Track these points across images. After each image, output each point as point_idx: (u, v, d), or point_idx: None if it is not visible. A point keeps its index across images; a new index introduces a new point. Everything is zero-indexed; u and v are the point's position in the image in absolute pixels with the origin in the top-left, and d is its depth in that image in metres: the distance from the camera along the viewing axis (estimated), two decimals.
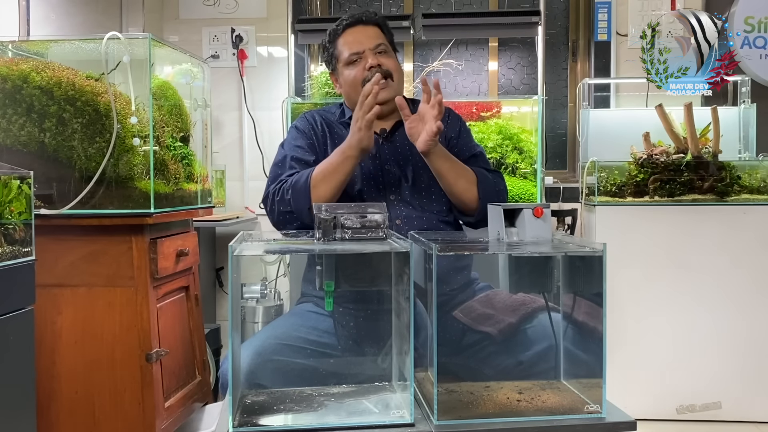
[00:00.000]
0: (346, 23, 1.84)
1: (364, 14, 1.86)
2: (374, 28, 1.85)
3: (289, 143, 1.82)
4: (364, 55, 1.79)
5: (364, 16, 1.85)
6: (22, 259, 1.58)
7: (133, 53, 2.03)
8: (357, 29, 1.83)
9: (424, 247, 1.20)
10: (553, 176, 3.51)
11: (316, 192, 1.64)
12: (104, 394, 2.01)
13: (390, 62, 1.81)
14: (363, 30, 1.83)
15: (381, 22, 1.87)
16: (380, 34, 1.85)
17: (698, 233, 2.70)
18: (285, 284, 3.39)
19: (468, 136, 1.91)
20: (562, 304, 1.32)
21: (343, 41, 1.83)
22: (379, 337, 1.31)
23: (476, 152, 1.86)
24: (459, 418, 1.14)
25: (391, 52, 1.86)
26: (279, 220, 1.69)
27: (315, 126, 1.85)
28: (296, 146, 1.79)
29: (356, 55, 1.80)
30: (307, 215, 1.64)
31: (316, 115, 1.89)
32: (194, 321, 2.40)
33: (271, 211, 1.71)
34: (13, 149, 2.00)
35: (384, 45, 1.83)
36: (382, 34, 1.85)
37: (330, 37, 1.87)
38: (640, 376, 2.67)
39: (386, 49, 1.83)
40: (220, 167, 3.42)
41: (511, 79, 3.83)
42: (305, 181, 1.65)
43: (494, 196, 1.74)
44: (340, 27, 1.85)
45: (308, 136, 1.82)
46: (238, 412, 1.17)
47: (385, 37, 1.85)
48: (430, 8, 3.82)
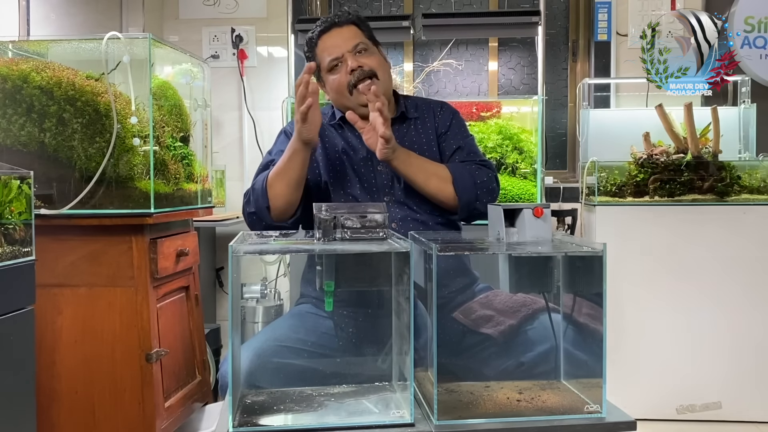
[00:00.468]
0: (320, 29, 1.79)
1: (337, 16, 1.80)
2: (350, 27, 1.79)
3: (277, 148, 1.79)
4: (343, 59, 1.74)
5: (337, 18, 1.80)
6: (23, 259, 1.58)
7: (133, 53, 2.03)
8: (332, 33, 1.78)
9: (424, 247, 1.20)
10: (553, 176, 3.51)
11: (272, 191, 1.63)
12: (104, 394, 2.01)
13: (371, 60, 1.76)
14: (339, 33, 1.78)
15: (355, 20, 1.81)
16: (357, 33, 1.78)
17: (698, 233, 2.70)
18: (285, 284, 3.39)
19: (458, 129, 1.86)
20: (562, 304, 1.32)
21: (321, 48, 1.78)
22: (379, 338, 1.31)
23: (460, 145, 1.81)
24: (459, 418, 1.14)
25: (371, 47, 1.80)
26: (248, 222, 1.70)
27: None
28: (281, 150, 1.75)
29: (336, 60, 1.75)
30: (267, 215, 1.64)
31: None
32: (194, 321, 2.40)
33: (243, 214, 1.72)
34: (13, 149, 2.00)
35: (363, 43, 1.77)
36: (360, 31, 1.79)
37: (308, 46, 1.83)
38: (640, 376, 2.67)
39: (366, 46, 1.77)
40: (220, 167, 3.42)
41: (511, 79, 3.83)
42: (263, 181, 1.65)
43: (472, 189, 1.70)
44: (315, 34, 1.80)
45: None
46: (238, 412, 1.17)
47: (363, 35, 1.79)
48: (430, 8, 3.82)
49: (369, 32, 1.83)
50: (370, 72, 1.74)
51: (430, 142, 1.81)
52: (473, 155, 1.82)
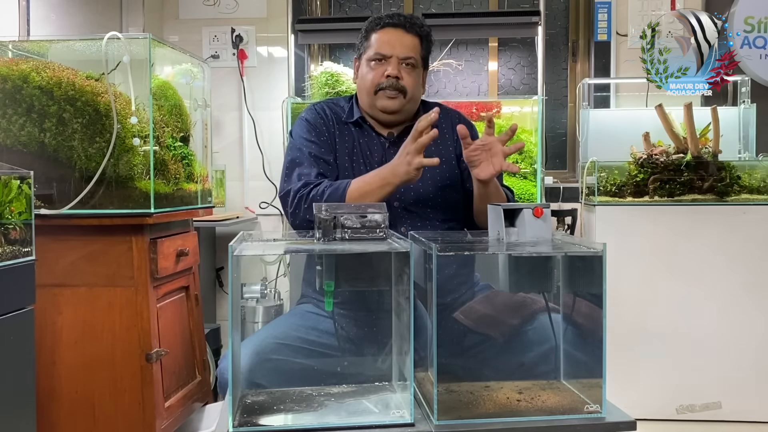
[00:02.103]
0: (389, 21, 1.78)
1: (411, 20, 1.79)
2: (414, 38, 1.78)
3: (300, 137, 1.78)
4: (389, 60, 1.75)
5: (409, 23, 1.78)
6: (23, 259, 1.58)
7: (133, 53, 2.03)
8: (397, 32, 1.77)
9: (424, 247, 1.21)
10: (553, 176, 3.51)
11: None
12: (104, 394, 2.01)
13: (411, 78, 1.76)
14: (402, 35, 1.77)
15: (424, 34, 1.81)
16: (417, 47, 1.78)
17: (698, 233, 2.70)
18: (285, 284, 3.40)
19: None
20: (562, 304, 1.32)
21: (377, 36, 1.77)
22: (379, 337, 1.31)
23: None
24: (459, 418, 1.14)
25: (419, 68, 1.80)
26: (301, 224, 1.66)
27: (326, 120, 1.81)
28: (309, 141, 1.75)
29: (381, 56, 1.75)
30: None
31: (325, 107, 1.84)
32: (194, 321, 2.40)
33: (295, 213, 1.67)
34: (13, 149, 2.00)
35: (414, 60, 1.77)
36: (420, 47, 1.79)
37: (370, 25, 1.81)
38: (640, 376, 2.67)
39: (415, 63, 1.77)
40: (220, 167, 3.42)
41: (511, 79, 3.83)
42: (341, 196, 1.63)
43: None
44: (383, 21, 1.78)
45: (320, 131, 1.78)
46: (238, 412, 1.17)
47: (421, 51, 1.79)
48: (430, 8, 3.82)
49: (427, 52, 1.84)
50: (403, 88, 1.75)
51: (448, 153, 1.82)
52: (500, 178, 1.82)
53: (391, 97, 1.75)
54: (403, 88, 1.75)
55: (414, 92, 1.78)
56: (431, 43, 1.85)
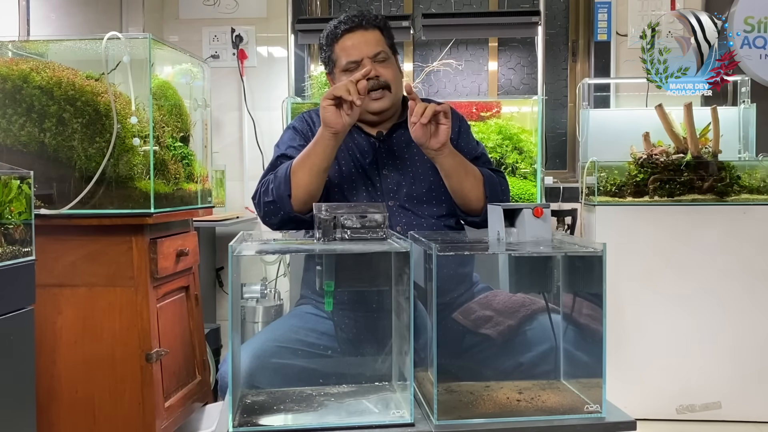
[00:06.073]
0: (345, 28, 1.77)
1: (365, 18, 1.78)
2: (374, 32, 1.77)
3: (284, 143, 1.79)
4: (362, 64, 1.73)
5: (365, 21, 1.77)
6: (22, 259, 1.58)
7: (133, 53, 2.03)
8: (356, 34, 1.76)
9: (424, 247, 1.20)
10: (553, 176, 3.51)
11: (295, 178, 1.61)
12: (104, 394, 2.01)
13: (389, 72, 1.76)
14: (363, 35, 1.76)
15: (382, 25, 1.80)
16: (380, 39, 1.78)
17: (698, 233, 2.70)
18: (285, 284, 3.40)
19: (468, 135, 1.88)
20: (561, 304, 1.32)
21: (340, 47, 1.77)
22: (379, 338, 1.31)
23: (479, 153, 1.83)
24: (459, 418, 1.14)
25: (391, 58, 1.79)
26: (264, 211, 1.67)
27: (313, 127, 1.81)
28: (293, 147, 1.76)
29: (354, 63, 1.74)
30: (287, 204, 1.62)
31: (313, 115, 1.85)
32: (194, 321, 2.40)
33: (257, 205, 1.69)
34: (13, 149, 2.00)
35: (384, 52, 1.76)
36: (383, 38, 1.79)
37: (328, 39, 1.80)
38: (640, 376, 2.67)
39: (386, 56, 1.77)
40: (220, 167, 3.42)
41: (511, 79, 3.83)
42: (286, 168, 1.64)
43: (499, 195, 1.72)
44: (339, 31, 1.77)
45: (305, 137, 1.78)
46: (238, 412, 1.17)
47: (385, 42, 1.79)
48: (430, 8, 3.82)
49: (391, 39, 1.83)
50: (385, 84, 1.74)
51: None
52: (488, 164, 1.84)
53: (378, 98, 1.74)
54: (385, 83, 1.74)
55: (396, 84, 1.78)
56: (390, 29, 1.84)
